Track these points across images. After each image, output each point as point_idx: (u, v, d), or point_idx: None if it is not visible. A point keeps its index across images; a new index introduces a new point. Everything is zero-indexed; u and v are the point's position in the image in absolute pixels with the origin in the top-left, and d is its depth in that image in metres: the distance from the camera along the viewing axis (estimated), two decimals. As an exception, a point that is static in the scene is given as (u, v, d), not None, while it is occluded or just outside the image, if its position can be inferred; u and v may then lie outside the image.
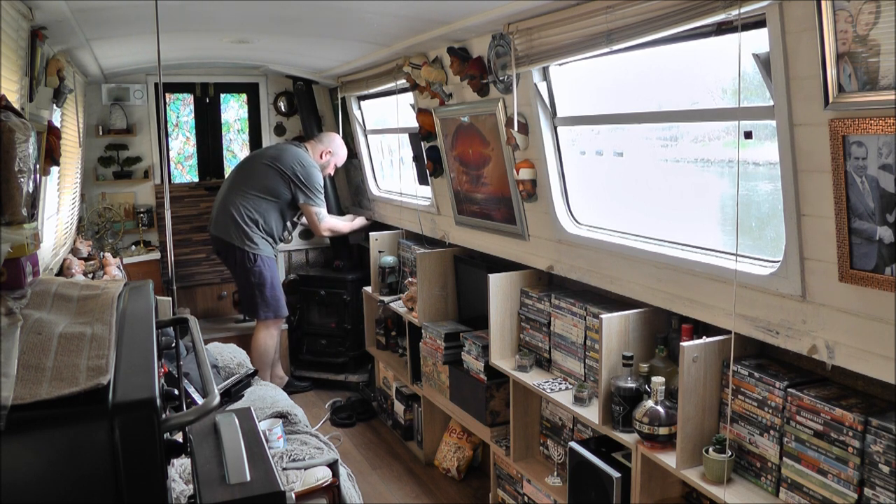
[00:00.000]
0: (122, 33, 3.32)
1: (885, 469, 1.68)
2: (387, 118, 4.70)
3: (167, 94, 5.27)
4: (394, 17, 2.95)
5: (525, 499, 3.14)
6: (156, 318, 1.53)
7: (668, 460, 2.20)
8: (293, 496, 1.26)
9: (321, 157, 4.62)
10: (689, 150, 2.61)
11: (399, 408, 4.28)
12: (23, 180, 1.40)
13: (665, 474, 2.31)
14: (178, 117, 5.42)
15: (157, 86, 5.04)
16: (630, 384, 2.39)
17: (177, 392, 1.56)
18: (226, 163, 5.54)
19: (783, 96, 1.75)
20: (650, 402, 2.27)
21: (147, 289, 1.68)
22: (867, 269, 1.63)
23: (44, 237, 3.11)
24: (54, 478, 1.06)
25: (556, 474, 2.96)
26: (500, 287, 3.16)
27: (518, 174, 2.97)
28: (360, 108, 4.96)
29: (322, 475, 2.69)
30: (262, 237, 4.45)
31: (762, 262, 2.03)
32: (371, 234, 4.62)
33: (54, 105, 3.12)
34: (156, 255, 4.97)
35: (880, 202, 1.56)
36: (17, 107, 1.97)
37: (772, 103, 1.81)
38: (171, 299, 2.60)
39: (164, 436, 1.13)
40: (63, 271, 3.66)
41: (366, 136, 4.99)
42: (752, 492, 2.04)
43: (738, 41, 1.78)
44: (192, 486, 1.67)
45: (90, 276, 3.79)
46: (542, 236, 3.06)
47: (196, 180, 5.44)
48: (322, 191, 4.55)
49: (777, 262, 1.94)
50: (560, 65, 2.71)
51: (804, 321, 1.88)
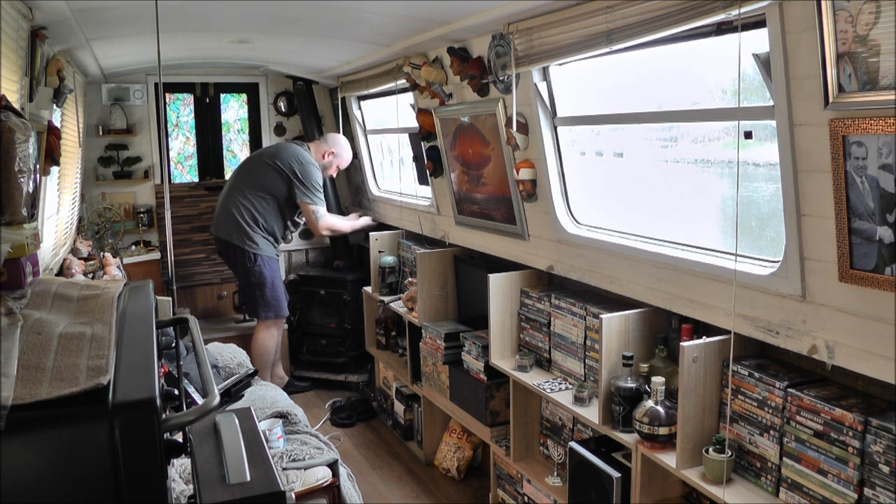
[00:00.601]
0: (122, 33, 3.32)
1: (885, 469, 1.68)
2: (387, 118, 4.70)
3: (167, 94, 5.27)
4: (394, 17, 2.95)
5: (525, 499, 3.14)
6: (156, 318, 1.53)
7: (668, 460, 2.20)
8: (293, 496, 1.26)
9: (323, 158, 4.57)
10: (689, 151, 2.61)
11: (399, 408, 4.28)
12: (23, 180, 1.40)
13: (665, 474, 2.31)
14: (178, 117, 5.42)
15: (157, 86, 5.04)
16: (630, 384, 2.39)
17: (177, 392, 1.56)
18: (226, 163, 5.54)
19: (783, 96, 1.75)
20: (650, 402, 2.28)
21: (147, 289, 1.68)
22: (867, 269, 1.63)
23: (44, 237, 3.11)
24: (54, 478, 1.06)
25: (556, 474, 2.96)
26: (500, 287, 3.16)
27: (518, 174, 2.97)
28: (360, 108, 4.96)
29: (322, 475, 2.69)
30: (263, 237, 4.43)
31: (762, 262, 2.03)
32: (371, 234, 4.61)
33: (54, 105, 3.12)
34: (156, 255, 4.97)
35: (880, 202, 1.56)
36: (17, 107, 1.97)
37: (772, 103, 1.81)
38: (171, 299, 2.60)
39: (164, 436, 1.13)
40: (63, 271, 3.66)
41: (366, 136, 5.00)
42: (752, 492, 2.04)
43: (738, 41, 1.78)
44: (192, 486, 1.67)
45: (90, 276, 3.78)
46: (542, 236, 3.06)
47: (196, 180, 5.44)
48: (320, 189, 4.50)
49: (777, 262, 1.94)
50: (560, 65, 2.71)
51: (804, 321, 1.88)
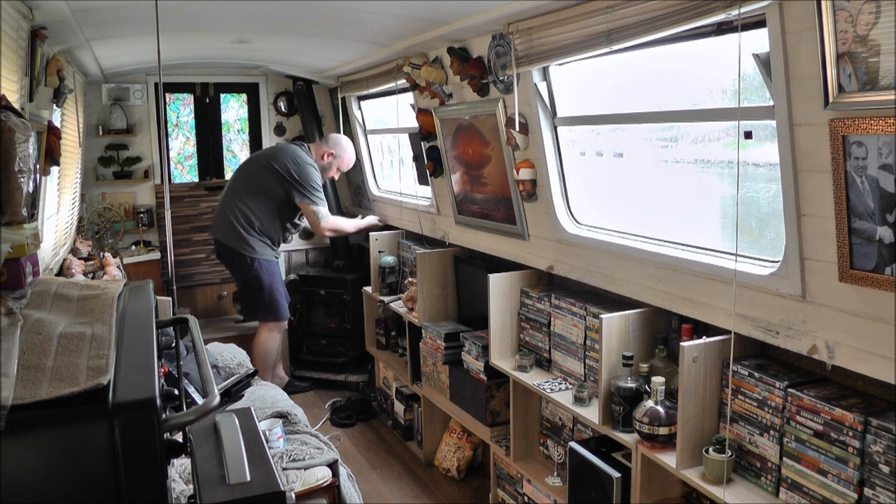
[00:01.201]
0: (122, 33, 3.32)
1: (885, 469, 1.68)
2: (387, 118, 4.70)
3: (167, 94, 5.27)
4: (394, 17, 2.95)
5: (525, 499, 3.14)
6: (156, 318, 1.53)
7: (668, 460, 2.20)
8: (293, 496, 1.26)
9: (323, 159, 4.48)
10: (689, 151, 2.61)
11: (399, 408, 4.28)
12: (23, 180, 1.40)
13: (665, 474, 2.31)
14: (178, 117, 5.42)
15: (157, 86, 5.04)
16: (630, 384, 2.39)
17: (177, 392, 1.56)
18: (226, 163, 5.54)
19: (783, 96, 1.75)
20: (650, 402, 2.27)
21: (147, 289, 1.68)
22: (867, 269, 1.63)
23: (44, 237, 3.11)
24: (54, 478, 1.06)
25: (556, 474, 2.96)
26: (500, 287, 3.16)
27: (518, 174, 2.97)
28: (360, 108, 4.96)
29: (322, 475, 2.69)
30: (260, 240, 4.36)
31: (762, 262, 2.03)
32: (371, 234, 4.61)
33: (54, 105, 3.12)
34: (156, 255, 4.97)
35: (880, 202, 1.56)
36: (17, 107, 1.97)
37: (772, 103, 1.81)
38: (171, 299, 2.60)
39: (164, 436, 1.13)
40: (63, 271, 3.66)
41: (366, 136, 5.00)
42: (752, 492, 2.04)
43: (738, 41, 1.78)
44: (192, 486, 1.67)
45: (90, 276, 3.79)
46: (542, 236, 3.06)
47: (196, 180, 5.44)
48: (320, 189, 4.41)
49: (777, 262, 1.94)
50: (560, 65, 2.71)
51: (804, 321, 1.88)
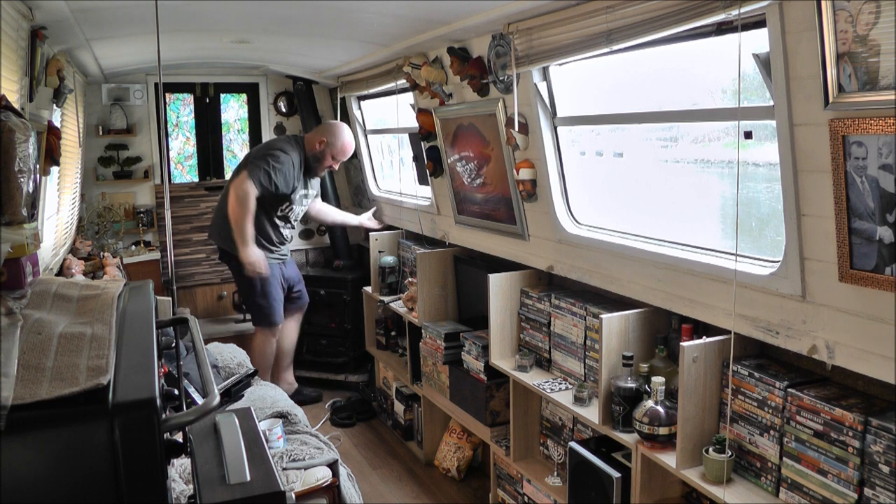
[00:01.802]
0: (122, 33, 3.32)
1: (885, 469, 1.68)
2: (387, 118, 4.70)
3: (167, 94, 5.27)
4: (394, 17, 2.95)
5: (525, 499, 3.14)
6: (156, 318, 1.53)
7: (668, 460, 2.20)
8: (293, 496, 1.26)
9: (316, 148, 4.18)
10: (689, 151, 2.61)
11: (399, 408, 4.28)
12: (23, 180, 1.40)
13: (665, 474, 2.31)
14: (178, 117, 5.42)
15: (157, 86, 5.04)
16: (630, 384, 2.39)
17: (177, 392, 1.56)
18: (226, 163, 5.54)
19: (783, 96, 1.75)
20: (650, 402, 2.27)
21: (147, 289, 1.68)
22: (867, 269, 1.63)
23: (44, 237, 3.11)
24: (54, 478, 1.06)
25: (556, 474, 2.96)
26: (500, 287, 3.16)
27: (518, 174, 2.97)
28: (360, 108, 4.96)
29: (322, 475, 2.69)
30: (257, 242, 4.14)
31: (762, 262, 2.03)
32: (371, 234, 4.61)
33: (54, 105, 3.12)
34: (156, 255, 4.97)
35: (880, 202, 1.56)
36: (17, 107, 1.97)
37: (772, 103, 1.81)
38: (171, 299, 2.60)
39: (164, 436, 1.13)
40: (63, 271, 3.66)
41: (366, 136, 4.99)
42: (752, 492, 2.04)
43: (738, 41, 1.78)
44: (192, 486, 1.67)
45: (90, 276, 3.79)
46: (542, 236, 3.06)
47: (196, 180, 5.44)
48: (267, 168, 3.97)
49: (777, 262, 1.94)
50: (560, 65, 2.71)
51: (804, 321, 1.88)
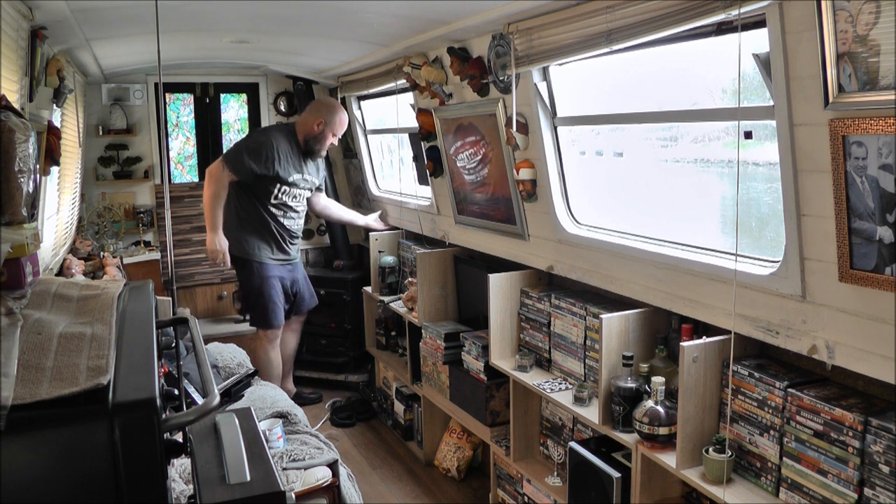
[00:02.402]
0: (122, 33, 3.32)
1: (885, 469, 1.68)
2: (387, 118, 4.70)
3: (167, 94, 5.27)
4: (394, 17, 2.95)
5: (525, 499, 3.14)
6: (156, 318, 1.53)
7: (668, 460, 2.20)
8: (293, 496, 1.26)
9: (315, 129, 4.08)
10: (689, 151, 2.61)
11: (399, 408, 4.28)
12: (23, 180, 1.40)
13: (665, 474, 2.31)
14: (178, 117, 5.42)
15: (157, 86, 5.03)
16: (630, 384, 2.39)
17: (177, 392, 1.56)
18: (226, 163, 5.54)
19: (783, 96, 1.75)
20: (650, 402, 2.27)
21: (147, 289, 1.68)
22: (867, 269, 1.63)
23: (44, 237, 3.11)
24: (54, 478, 1.06)
25: (556, 474, 2.96)
26: (500, 287, 3.16)
27: (518, 174, 2.97)
28: (360, 108, 4.96)
29: (322, 475, 2.69)
30: (248, 239, 4.11)
31: (762, 262, 2.03)
32: (371, 234, 4.61)
33: (54, 105, 3.12)
34: (156, 255, 4.97)
35: (880, 202, 1.56)
36: (17, 107, 1.97)
37: (772, 103, 1.81)
38: (171, 299, 2.60)
39: (164, 436, 1.13)
40: (63, 271, 3.66)
41: (366, 136, 4.99)
42: (752, 492, 2.04)
43: (738, 41, 1.78)
44: (192, 486, 1.67)
45: (90, 276, 3.79)
46: (542, 236, 3.06)
47: (196, 180, 5.43)
48: (241, 152, 4.01)
49: (777, 262, 1.94)
50: (560, 65, 2.71)
51: (804, 321, 1.88)
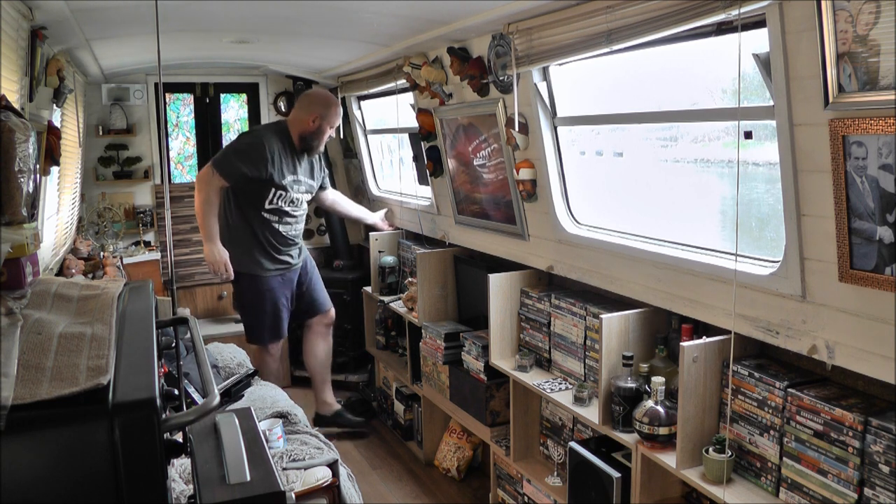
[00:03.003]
0: (122, 33, 3.32)
1: (885, 469, 1.68)
2: (387, 118, 4.70)
3: (167, 94, 5.27)
4: (394, 17, 2.95)
5: (525, 499, 3.14)
6: (156, 318, 1.53)
7: (668, 460, 2.20)
8: (293, 496, 1.26)
9: (311, 124, 3.84)
10: (689, 151, 2.61)
11: (399, 408, 4.28)
12: (23, 180, 1.40)
13: (665, 474, 2.31)
14: (178, 117, 5.42)
15: (157, 86, 5.03)
16: (630, 384, 2.39)
17: (177, 392, 1.56)
18: (226, 163, 5.54)
19: (783, 96, 1.75)
20: (650, 402, 2.27)
21: (147, 289, 1.68)
22: (867, 269, 1.63)
23: (44, 237, 3.11)
24: (54, 478, 1.06)
25: (556, 474, 2.96)
26: (500, 287, 3.16)
27: (518, 174, 2.97)
28: (360, 108, 4.96)
29: (322, 475, 2.69)
30: (240, 251, 3.85)
31: (762, 262, 2.03)
32: (371, 233, 4.61)
33: (54, 105, 3.12)
34: (156, 255, 4.97)
35: (880, 202, 1.56)
36: (17, 107, 1.97)
37: (772, 103, 1.81)
38: (171, 299, 2.60)
39: (164, 436, 1.13)
40: (63, 271, 3.66)
41: (366, 136, 5.00)
42: (752, 492, 2.04)
43: (738, 41, 1.78)
44: (192, 486, 1.67)
45: (90, 276, 3.78)
46: (542, 236, 3.06)
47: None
48: (228, 154, 3.76)
49: (777, 262, 1.94)
50: (560, 65, 2.71)
51: (804, 321, 1.88)
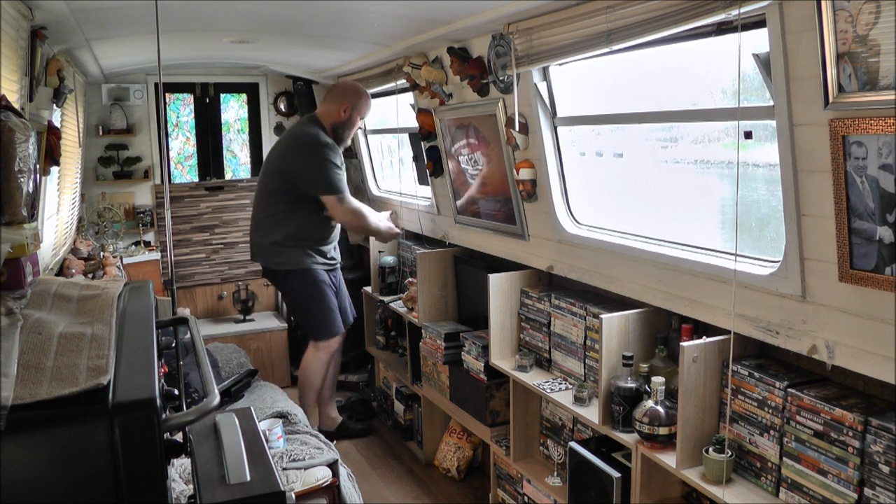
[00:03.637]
0: (122, 33, 3.32)
1: (885, 469, 1.68)
2: (387, 118, 4.70)
3: (167, 94, 5.27)
4: (394, 17, 2.95)
5: (525, 499, 3.14)
6: (156, 318, 1.53)
7: (668, 460, 2.20)
8: (293, 496, 1.26)
9: (342, 115, 3.80)
10: (689, 151, 2.61)
11: (399, 408, 4.28)
12: (23, 180, 1.40)
13: (665, 474, 2.31)
14: (178, 117, 5.42)
15: (157, 86, 5.03)
16: (630, 384, 2.39)
17: (177, 392, 1.56)
18: (226, 163, 5.55)
19: (783, 96, 1.75)
20: (650, 402, 2.27)
21: (147, 289, 1.68)
22: (867, 269, 1.63)
23: (44, 237, 3.11)
24: (54, 478, 1.06)
25: (556, 474, 2.96)
26: (500, 287, 3.16)
27: (518, 174, 2.97)
28: (360, 108, 4.95)
29: (322, 475, 2.69)
30: (293, 248, 3.79)
31: (762, 262, 2.03)
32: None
33: (54, 105, 3.12)
34: (156, 255, 4.97)
35: (880, 202, 1.56)
36: (17, 107, 1.97)
37: (772, 103, 1.81)
38: (171, 299, 2.60)
39: (164, 436, 1.13)
40: (63, 271, 3.66)
41: (366, 136, 5.00)
42: (751, 492, 2.04)
43: (738, 41, 1.78)
44: (192, 486, 1.67)
45: (90, 276, 3.78)
46: (542, 236, 3.06)
47: (196, 180, 5.44)
48: (336, 170, 3.73)
49: (777, 262, 1.94)
50: (560, 65, 2.71)
51: (804, 321, 1.88)
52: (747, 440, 2.08)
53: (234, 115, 5.54)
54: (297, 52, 4.31)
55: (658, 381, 2.27)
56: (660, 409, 2.25)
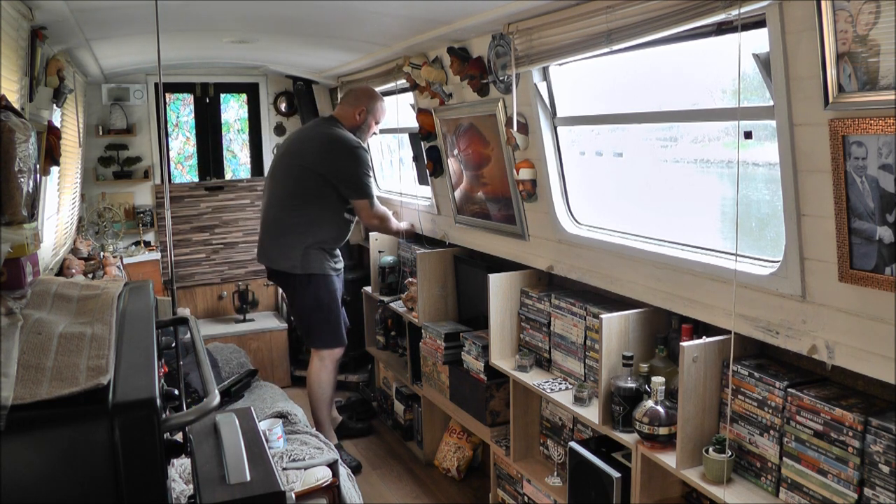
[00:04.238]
0: (122, 33, 3.32)
1: (885, 469, 1.68)
2: (387, 118, 4.69)
3: (167, 94, 5.27)
4: (394, 17, 2.95)
5: (525, 499, 3.14)
6: (156, 318, 1.53)
7: (668, 460, 2.20)
8: (293, 496, 1.26)
9: (357, 119, 3.78)
10: (689, 151, 2.61)
11: (399, 408, 4.28)
12: (23, 180, 1.40)
13: (665, 474, 2.31)
14: (178, 117, 5.42)
15: (157, 86, 5.04)
16: (630, 384, 2.39)
17: (177, 392, 1.56)
18: (226, 163, 5.55)
19: (783, 96, 1.75)
20: (650, 402, 2.27)
21: (147, 289, 1.68)
22: (867, 269, 1.63)
23: (44, 237, 3.11)
24: (54, 478, 1.06)
25: (556, 474, 2.96)
26: (500, 287, 3.16)
27: (518, 174, 2.97)
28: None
29: (322, 475, 2.69)
30: (312, 251, 3.71)
31: (762, 262, 2.03)
32: (371, 233, 4.61)
33: (54, 105, 3.12)
34: (156, 255, 4.97)
35: (880, 202, 1.56)
36: (17, 107, 1.97)
37: (772, 103, 1.81)
38: (171, 299, 2.60)
39: (164, 436, 1.13)
40: (63, 271, 3.66)
41: (366, 136, 4.99)
42: (752, 492, 2.04)
43: (738, 41, 1.78)
44: (192, 486, 1.67)
45: (90, 276, 3.78)
46: (542, 236, 3.06)
47: (196, 180, 5.44)
48: (370, 175, 3.76)
49: (777, 262, 1.94)
50: (560, 65, 2.71)
51: (804, 321, 1.88)
52: (747, 440, 2.08)
53: (234, 115, 5.55)
54: (297, 52, 4.31)
55: (658, 381, 2.27)
56: (660, 409, 2.25)
